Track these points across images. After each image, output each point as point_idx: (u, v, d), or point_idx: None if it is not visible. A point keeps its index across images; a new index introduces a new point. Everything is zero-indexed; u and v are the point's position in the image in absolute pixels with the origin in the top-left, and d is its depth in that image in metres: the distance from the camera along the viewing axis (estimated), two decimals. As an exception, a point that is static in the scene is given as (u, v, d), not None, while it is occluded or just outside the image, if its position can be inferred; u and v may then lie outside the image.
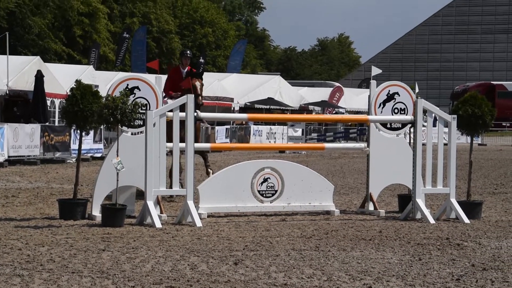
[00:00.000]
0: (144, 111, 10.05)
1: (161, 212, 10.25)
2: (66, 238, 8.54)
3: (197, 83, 12.74)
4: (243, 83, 41.55)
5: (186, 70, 13.11)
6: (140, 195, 10.39)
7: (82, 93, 9.92)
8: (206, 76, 39.49)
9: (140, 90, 10.44)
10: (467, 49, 76.80)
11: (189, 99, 10.10)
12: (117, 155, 9.68)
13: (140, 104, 10.09)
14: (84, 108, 9.82)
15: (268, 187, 10.83)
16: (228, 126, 33.00)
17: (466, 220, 10.31)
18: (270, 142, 34.91)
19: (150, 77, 12.10)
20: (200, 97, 12.53)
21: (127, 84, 10.37)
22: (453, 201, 10.61)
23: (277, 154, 26.87)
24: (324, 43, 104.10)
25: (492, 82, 61.61)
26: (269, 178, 10.84)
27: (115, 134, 10.13)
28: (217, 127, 31.92)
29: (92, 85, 10.71)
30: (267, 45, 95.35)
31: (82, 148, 12.32)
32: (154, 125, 9.94)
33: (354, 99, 48.73)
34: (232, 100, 37.61)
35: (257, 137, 34.50)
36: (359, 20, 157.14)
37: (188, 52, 13.47)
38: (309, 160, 24.61)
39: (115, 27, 54.90)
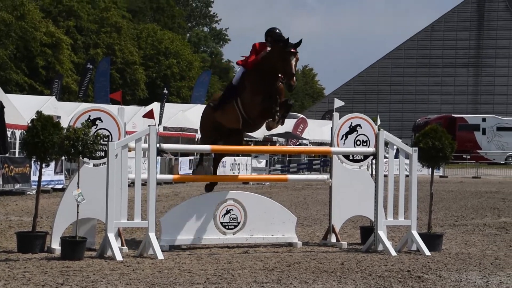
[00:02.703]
0: (106, 143, 9.99)
1: (122, 245, 10.14)
2: (23, 272, 8.37)
3: (292, 59, 10.30)
4: (207, 115, 41.50)
5: None
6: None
7: (43, 124, 9.83)
8: (170, 107, 39.58)
9: (102, 121, 10.38)
10: (429, 82, 77.86)
11: (152, 130, 10.06)
12: (78, 187, 9.58)
13: (102, 135, 10.03)
14: (44, 139, 9.73)
15: (231, 219, 10.80)
16: (191, 157, 32.91)
17: (427, 252, 10.37)
18: (234, 173, 34.87)
19: (113, 108, 12.05)
20: (293, 78, 10.28)
21: (89, 116, 10.32)
22: (414, 233, 10.68)
23: (241, 185, 26.82)
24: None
25: (453, 114, 62.44)
26: (232, 209, 10.82)
27: (77, 166, 10.04)
28: (180, 158, 31.82)
29: (53, 116, 10.63)
30: (232, 76, 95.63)
31: (43, 179, 12.18)
32: (116, 156, 9.87)
33: (317, 130, 49.03)
34: (196, 131, 37.55)
35: (221, 168, 34.41)
36: (323, 53, 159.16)
37: (278, 30, 11.06)
38: (273, 191, 24.61)
39: (78, 58, 54.66)
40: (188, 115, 39.22)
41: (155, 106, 37.23)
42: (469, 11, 76.71)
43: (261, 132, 44.23)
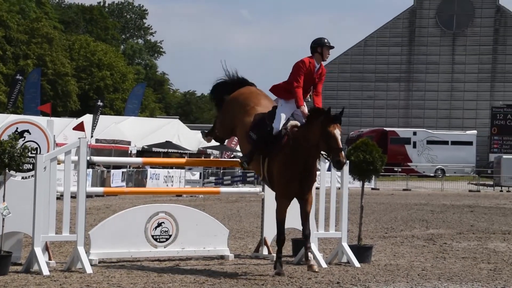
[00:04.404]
0: (34, 155, 9.79)
1: (50, 259, 9.94)
2: None
3: (337, 131, 9.20)
4: (141, 127, 41.29)
5: (319, 66, 9.71)
6: None
7: (-32, 136, 9.57)
8: (103, 119, 39.14)
9: (30, 133, 10.19)
10: (362, 96, 79.07)
11: (82, 143, 9.91)
12: (4, 200, 9.35)
13: (29, 148, 9.83)
14: (-31, 151, 9.46)
15: (162, 232, 10.71)
16: (124, 170, 32.58)
17: (357, 264, 10.49)
18: (167, 185, 34.66)
19: (42, 121, 11.81)
20: (342, 153, 9.13)
21: (17, 128, 10.11)
22: (345, 245, 10.79)
23: (174, 198, 26.65)
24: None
25: (385, 128, 63.53)
26: (163, 222, 10.73)
27: (3, 178, 9.79)
28: (112, 171, 31.45)
29: (-21, 128, 10.34)
30: (167, 88, 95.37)
31: (-32, 192, 11.82)
32: (44, 169, 9.68)
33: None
34: (129, 143, 37.22)
35: (154, 180, 34.18)
36: (259, 66, 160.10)
37: (326, 40, 9.67)
38: (206, 203, 24.54)
39: (7, 69, 53.59)
40: (121, 127, 38.88)
41: (87, 118, 36.76)
42: (400, 27, 78.34)
43: (195, 145, 44.15)
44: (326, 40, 9.68)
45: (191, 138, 44.22)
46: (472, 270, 10.41)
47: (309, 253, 9.33)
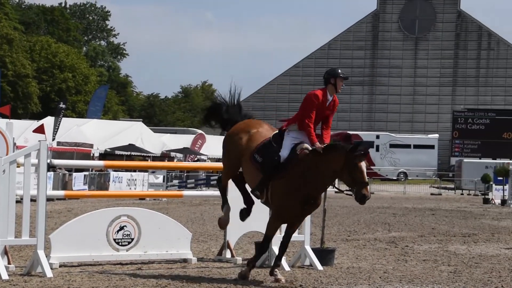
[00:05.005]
0: (-8, 157, 9.64)
1: (9, 263, 9.78)
2: None
3: (363, 163, 8.81)
4: (104, 129, 40.98)
5: (332, 98, 9.41)
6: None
7: None
8: (65, 121, 38.73)
9: (-11, 135, 10.04)
10: (325, 100, 79.50)
11: (42, 145, 9.78)
12: (-38, 203, 9.19)
13: (-12, 150, 9.69)
14: None
15: (124, 235, 10.62)
16: (86, 173, 32.27)
17: (320, 267, 10.52)
18: (130, 189, 34.43)
19: (1, 123, 11.68)
20: (367, 187, 8.83)
21: (-25, 129, 9.95)
22: (308, 248, 10.81)
23: (137, 201, 26.49)
24: (188, 90, 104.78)
25: (348, 132, 63.94)
26: (125, 226, 10.64)
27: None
28: (74, 174, 31.13)
29: None
30: (130, 91, 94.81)
31: None
32: (3, 172, 9.54)
33: (217, 146, 49.09)
34: (91, 146, 36.90)
35: (117, 183, 33.92)
36: (222, 69, 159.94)
37: (340, 70, 9.40)
38: (170, 207, 24.43)
39: (-33, 70, 52.82)
40: (83, 129, 38.53)
41: (48, 120, 36.36)
42: (364, 31, 78.96)
43: (158, 147, 43.94)
44: (340, 71, 9.31)
45: (154, 141, 44.02)
46: (433, 272, 10.51)
47: (276, 270, 9.21)
